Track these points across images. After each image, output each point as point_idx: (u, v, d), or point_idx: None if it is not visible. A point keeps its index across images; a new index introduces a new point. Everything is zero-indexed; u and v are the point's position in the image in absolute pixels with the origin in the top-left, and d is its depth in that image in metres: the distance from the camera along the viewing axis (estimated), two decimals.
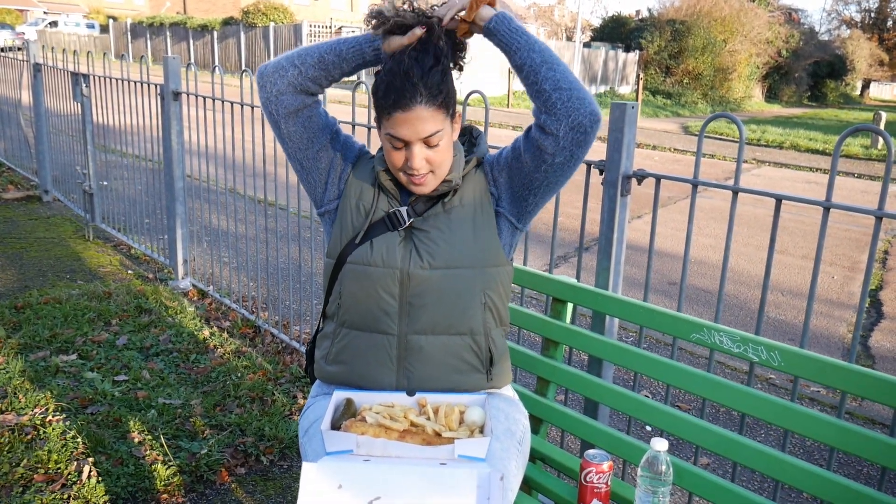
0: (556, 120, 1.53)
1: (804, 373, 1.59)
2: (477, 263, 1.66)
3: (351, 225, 1.70)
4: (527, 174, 1.63)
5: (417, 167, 1.57)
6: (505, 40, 1.56)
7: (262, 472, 2.76)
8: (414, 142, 1.56)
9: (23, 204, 6.81)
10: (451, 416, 1.50)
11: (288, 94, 1.66)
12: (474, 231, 1.66)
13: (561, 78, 1.52)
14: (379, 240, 1.66)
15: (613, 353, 1.94)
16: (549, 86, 1.52)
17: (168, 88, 4.45)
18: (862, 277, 6.18)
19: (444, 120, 1.57)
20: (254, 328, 4.05)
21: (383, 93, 1.55)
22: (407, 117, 1.53)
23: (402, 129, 1.54)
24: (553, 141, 1.55)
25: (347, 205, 1.72)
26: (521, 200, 1.68)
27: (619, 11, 37.37)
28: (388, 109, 1.54)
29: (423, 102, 1.52)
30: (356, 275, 1.66)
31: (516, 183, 1.66)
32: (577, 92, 1.52)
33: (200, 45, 30.34)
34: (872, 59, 45.39)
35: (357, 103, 3.34)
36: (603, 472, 1.69)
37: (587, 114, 1.52)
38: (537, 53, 1.54)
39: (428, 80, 1.53)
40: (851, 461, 3.22)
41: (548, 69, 1.53)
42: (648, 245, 2.26)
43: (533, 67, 1.53)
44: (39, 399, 3.08)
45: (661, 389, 3.78)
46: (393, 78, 1.53)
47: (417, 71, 1.52)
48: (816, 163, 14.09)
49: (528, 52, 1.54)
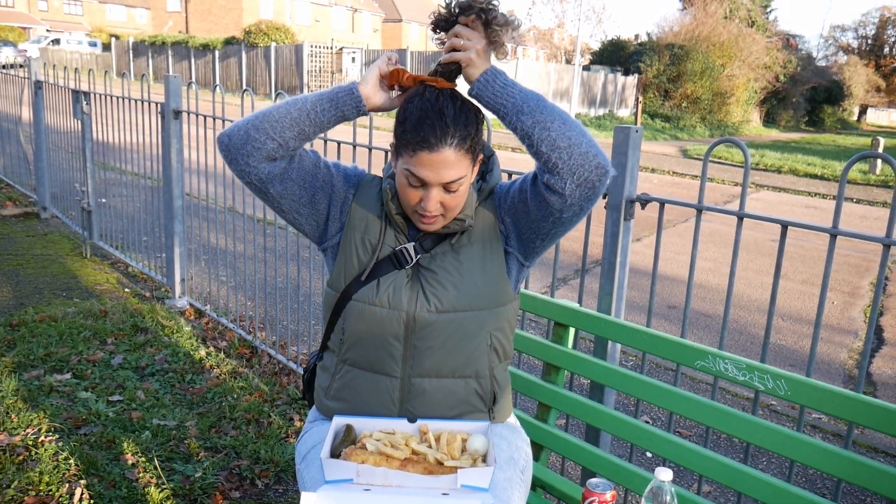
0: (560, 179, 1.43)
1: (811, 402, 1.56)
2: (485, 305, 1.60)
3: (356, 260, 1.63)
4: (534, 222, 1.55)
5: (431, 210, 1.51)
6: (491, 105, 1.46)
7: (256, 496, 2.71)
8: (433, 186, 1.48)
9: (20, 220, 6.79)
10: (454, 444, 1.47)
11: (266, 162, 1.54)
12: (483, 271, 1.60)
13: (557, 137, 1.40)
14: (385, 279, 1.59)
15: (616, 379, 1.91)
16: (545, 147, 1.41)
17: (169, 107, 4.45)
18: (862, 303, 6.16)
19: (468, 166, 1.50)
20: (251, 348, 4.02)
21: (413, 126, 1.45)
22: (432, 159, 1.44)
23: (424, 171, 1.46)
24: (559, 199, 1.45)
25: (352, 238, 1.64)
26: (529, 243, 1.61)
27: (618, 35, 37.64)
28: (413, 146, 1.45)
29: (452, 146, 1.44)
30: (360, 314, 1.61)
31: (523, 228, 1.59)
32: (579, 147, 1.40)
33: (202, 64, 30.52)
34: (869, 85, 45.79)
35: (358, 123, 3.33)
36: (606, 502, 1.65)
37: (592, 169, 1.41)
38: (527, 115, 1.42)
39: (461, 122, 1.45)
40: (854, 490, 3.18)
41: (541, 129, 1.41)
42: (650, 268, 2.24)
43: (525, 132, 1.43)
44: (32, 419, 3.03)
45: (661, 415, 3.74)
46: (425, 115, 1.44)
47: (451, 110, 1.45)
48: (815, 187, 14.12)
49: (517, 116, 1.43)
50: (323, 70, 27.88)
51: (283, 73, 28.03)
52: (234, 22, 39.50)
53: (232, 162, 1.56)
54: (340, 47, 29.16)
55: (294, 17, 43.98)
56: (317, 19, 47.02)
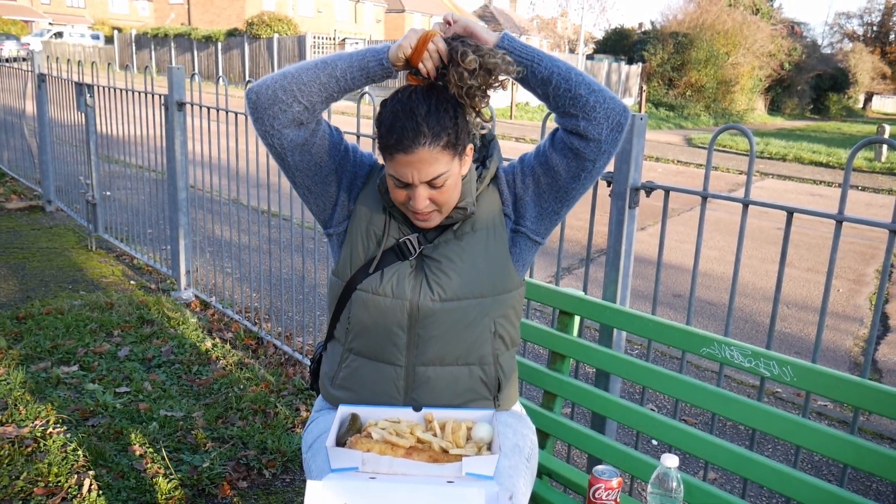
0: (596, 124, 1.48)
1: (817, 388, 1.56)
2: (489, 292, 1.61)
3: (362, 251, 1.63)
4: (561, 186, 1.57)
5: (420, 208, 1.51)
6: (523, 55, 1.48)
7: (264, 486, 2.72)
8: (417, 185, 1.48)
9: (26, 214, 6.80)
10: (459, 432, 1.47)
11: (292, 127, 1.54)
12: (487, 258, 1.61)
13: (591, 81, 1.48)
14: (389, 269, 1.60)
15: (621, 366, 1.91)
16: (584, 90, 1.46)
17: (172, 99, 4.44)
18: (867, 290, 6.14)
19: (450, 161, 1.49)
20: (256, 339, 4.03)
21: (386, 131, 1.46)
22: (409, 160, 1.45)
23: (403, 171, 1.47)
24: (595, 146, 1.50)
25: (358, 228, 1.64)
26: (552, 214, 1.62)
27: (622, 24, 37.48)
28: (390, 149, 1.46)
29: (426, 144, 1.44)
30: (365, 303, 1.61)
31: (547, 197, 1.60)
32: (607, 91, 1.48)
33: (205, 56, 30.46)
34: (875, 73, 45.53)
35: (362, 115, 3.33)
36: (612, 489, 1.65)
37: (621, 111, 1.48)
38: (560, 63, 1.49)
39: (433, 119, 1.44)
40: (860, 476, 3.18)
41: (576, 74, 1.47)
42: (654, 257, 2.24)
43: (562, 74, 1.47)
44: (40, 411, 3.05)
45: (666, 403, 3.74)
46: (396, 117, 1.45)
47: (423, 109, 1.44)
48: (820, 175, 14.07)
49: (550, 61, 1.48)
50: None
51: (285, 64, 27.74)
52: (237, 13, 39.40)
53: (257, 121, 1.55)
54: (343, 38, 29.11)
55: (297, 8, 43.84)
56: (319, 10, 46.87)
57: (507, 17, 56.25)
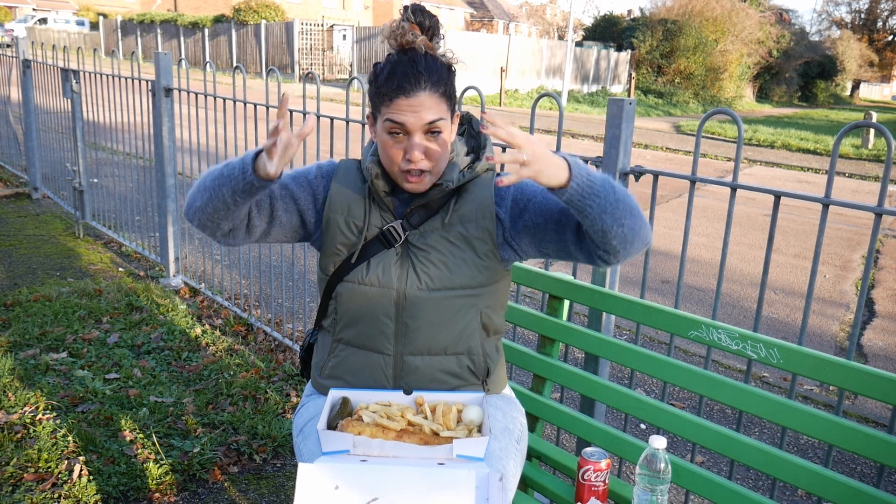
0: (615, 258, 1.49)
1: (803, 370, 1.58)
2: (476, 284, 1.61)
3: (343, 242, 1.64)
4: (569, 253, 1.57)
5: (416, 159, 1.51)
6: (578, 207, 1.40)
7: (255, 471, 2.73)
8: (415, 131, 1.50)
9: (12, 201, 6.75)
10: (449, 414, 1.48)
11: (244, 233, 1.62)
12: (474, 251, 1.61)
13: (628, 232, 1.43)
14: (375, 258, 1.61)
15: (610, 350, 1.93)
16: (617, 242, 1.44)
17: (160, 84, 4.41)
18: (853, 276, 6.20)
19: (446, 112, 1.53)
20: (246, 326, 4.03)
21: (386, 77, 1.50)
22: (410, 103, 1.48)
23: (404, 115, 1.49)
24: (605, 264, 1.52)
25: (335, 223, 1.64)
26: (547, 253, 1.62)
27: (610, 11, 37.45)
28: (390, 94, 1.49)
29: (427, 89, 1.49)
30: (352, 293, 1.62)
31: (548, 247, 1.59)
32: (641, 238, 1.47)
33: (191, 42, 30.21)
34: (862, 60, 45.71)
35: (351, 101, 3.31)
36: (601, 470, 1.67)
37: (642, 247, 1.50)
38: (608, 214, 1.40)
39: (433, 68, 1.50)
40: (846, 458, 3.22)
41: (618, 227, 1.42)
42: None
43: (604, 229, 1.42)
44: (29, 397, 3.04)
45: (654, 387, 3.77)
46: (397, 65, 1.50)
47: (422, 60, 1.50)
48: (808, 162, 14.15)
49: (600, 215, 1.40)
50: (314, 48, 27.67)
51: (273, 51, 27.79)
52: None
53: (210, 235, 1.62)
54: (331, 24, 28.90)
55: None
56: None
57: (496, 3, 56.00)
